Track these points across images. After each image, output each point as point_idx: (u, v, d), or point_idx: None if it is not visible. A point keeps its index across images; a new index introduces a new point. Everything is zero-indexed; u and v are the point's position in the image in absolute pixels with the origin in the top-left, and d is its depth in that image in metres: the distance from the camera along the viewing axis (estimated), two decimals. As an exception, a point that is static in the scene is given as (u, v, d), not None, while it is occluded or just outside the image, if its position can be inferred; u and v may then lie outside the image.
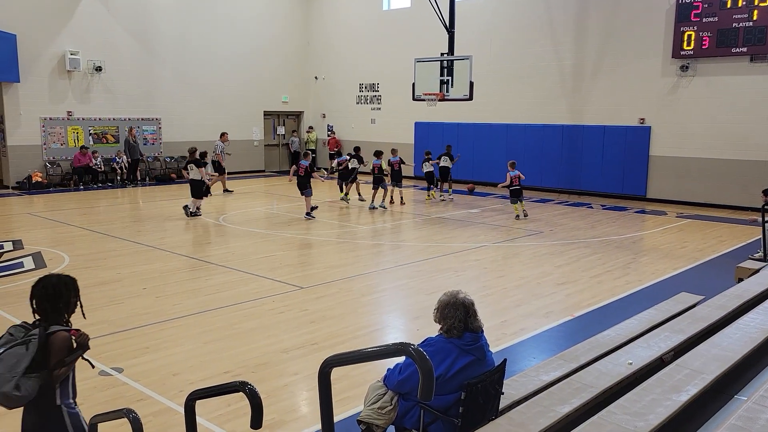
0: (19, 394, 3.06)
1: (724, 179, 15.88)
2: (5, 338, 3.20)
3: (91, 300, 7.97)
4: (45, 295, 3.32)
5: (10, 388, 3.04)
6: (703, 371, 4.11)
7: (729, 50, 15.33)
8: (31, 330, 3.21)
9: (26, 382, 3.08)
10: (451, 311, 3.67)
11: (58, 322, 3.30)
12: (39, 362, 3.12)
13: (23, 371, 3.07)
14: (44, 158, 19.08)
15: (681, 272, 9.64)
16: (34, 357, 3.11)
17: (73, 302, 3.40)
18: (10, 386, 3.04)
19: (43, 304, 3.30)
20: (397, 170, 15.90)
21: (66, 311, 3.37)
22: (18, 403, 3.13)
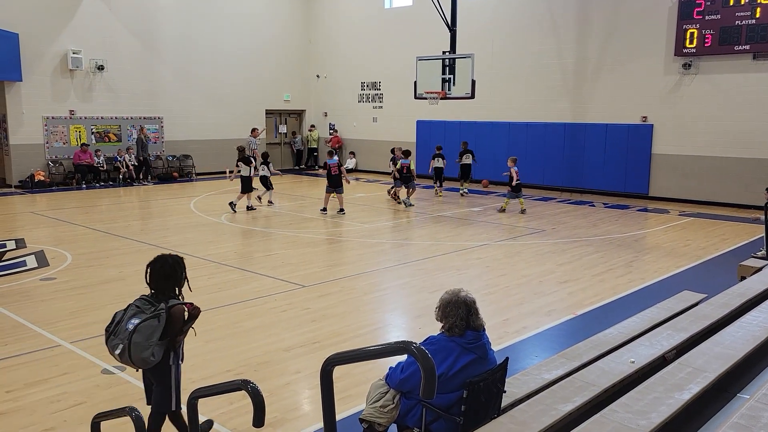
0: (154, 360, 3.83)
1: (727, 177, 15.85)
2: (133, 310, 3.90)
3: (94, 298, 7.99)
4: (161, 273, 3.96)
5: (148, 355, 3.79)
6: (705, 369, 4.11)
7: (732, 48, 15.30)
8: (154, 304, 3.90)
9: (158, 349, 3.83)
10: (452, 309, 3.68)
11: (171, 295, 3.96)
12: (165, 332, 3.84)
13: (155, 341, 3.80)
14: (47, 157, 19.10)
15: (683, 270, 9.63)
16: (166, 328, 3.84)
17: (183, 278, 4.04)
18: (148, 353, 3.79)
19: (160, 281, 3.95)
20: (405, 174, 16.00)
21: (177, 286, 4.01)
22: (150, 366, 3.88)
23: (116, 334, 3.86)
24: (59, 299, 7.96)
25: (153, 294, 3.97)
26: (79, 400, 5.14)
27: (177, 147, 21.87)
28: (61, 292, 8.28)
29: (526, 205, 15.07)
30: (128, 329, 3.80)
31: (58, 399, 5.17)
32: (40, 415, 4.89)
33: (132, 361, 3.80)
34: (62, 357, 6.07)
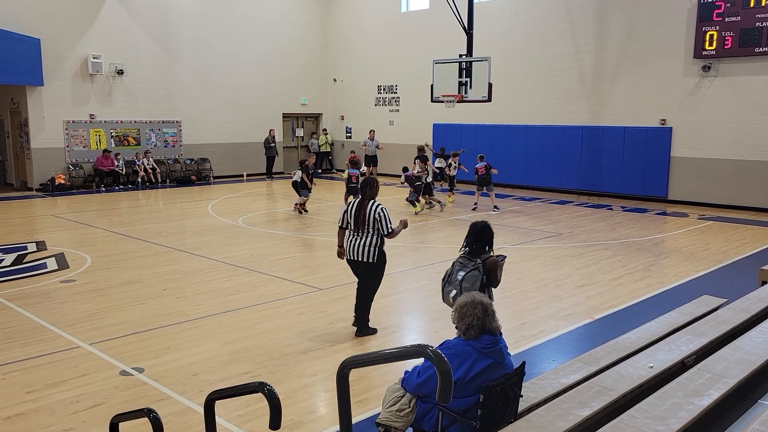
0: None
1: (747, 180, 15.66)
2: (458, 266, 5.16)
3: (113, 300, 8.07)
4: (477, 236, 5.17)
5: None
6: (725, 375, 4.06)
7: (752, 50, 15.12)
8: (472, 260, 5.12)
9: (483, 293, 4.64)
10: (469, 310, 3.67)
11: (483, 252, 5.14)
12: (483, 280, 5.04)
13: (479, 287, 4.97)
14: (67, 161, 19.35)
15: (703, 275, 9.52)
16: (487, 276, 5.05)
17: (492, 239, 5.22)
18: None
19: (477, 241, 5.16)
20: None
21: (488, 245, 5.20)
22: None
23: (450, 282, 5.16)
24: (79, 301, 8.05)
25: (469, 252, 5.19)
26: (98, 401, 5.19)
27: (195, 150, 22.05)
28: (81, 294, 8.38)
29: (541, 208, 14.92)
30: (458, 279, 5.08)
31: (78, 400, 5.22)
32: (60, 416, 4.95)
33: None
34: (81, 358, 6.13)
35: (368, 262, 6.60)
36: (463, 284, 5.01)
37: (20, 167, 19.88)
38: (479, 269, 5.06)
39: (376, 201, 6.63)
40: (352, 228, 6.63)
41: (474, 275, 5.04)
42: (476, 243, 5.18)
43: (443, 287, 5.22)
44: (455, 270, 5.17)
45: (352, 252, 6.63)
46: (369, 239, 6.55)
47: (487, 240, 5.19)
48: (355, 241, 6.60)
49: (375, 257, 6.58)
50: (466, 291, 4.78)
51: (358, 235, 6.59)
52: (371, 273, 6.69)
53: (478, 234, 5.17)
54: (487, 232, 5.18)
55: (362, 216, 6.52)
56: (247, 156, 23.28)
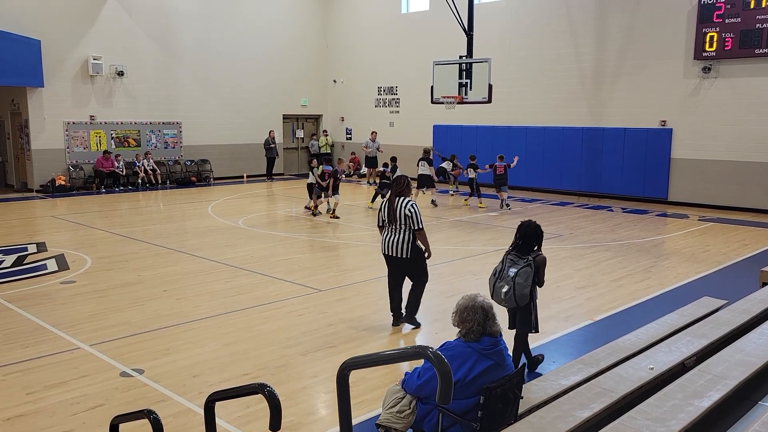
0: (527, 294, 5.30)
1: (748, 182, 15.66)
2: (510, 263, 5.45)
3: (113, 302, 8.07)
4: (529, 234, 5.45)
5: (527, 292, 5.30)
6: (725, 377, 4.06)
7: (752, 51, 15.13)
8: (522, 257, 5.41)
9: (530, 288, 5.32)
10: (470, 314, 3.67)
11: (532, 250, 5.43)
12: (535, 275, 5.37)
13: (531, 282, 5.31)
14: (67, 162, 19.36)
15: (703, 276, 9.52)
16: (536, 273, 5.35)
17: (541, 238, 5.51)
18: (527, 290, 5.30)
19: (526, 239, 5.45)
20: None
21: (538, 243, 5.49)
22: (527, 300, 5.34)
23: (502, 278, 5.41)
24: (79, 302, 8.05)
25: (518, 249, 5.46)
26: (98, 403, 5.19)
27: (195, 151, 22.06)
28: (81, 295, 8.38)
29: (541, 210, 14.93)
30: (510, 275, 5.35)
31: (78, 401, 5.22)
32: (60, 417, 4.95)
33: (516, 297, 5.31)
34: (82, 359, 6.13)
35: (404, 257, 6.76)
36: (516, 279, 5.31)
37: (20, 168, 19.88)
38: (531, 266, 5.34)
39: (406, 198, 6.79)
40: (387, 225, 6.82)
41: (526, 271, 5.33)
42: (523, 241, 5.46)
43: (494, 283, 5.47)
44: (506, 267, 5.44)
45: (388, 248, 6.84)
46: (402, 235, 6.72)
47: (535, 239, 5.47)
48: (390, 237, 6.81)
49: (409, 252, 6.74)
50: (519, 286, 5.26)
51: (392, 232, 6.79)
52: (411, 268, 6.88)
53: (526, 233, 5.46)
54: (534, 231, 5.47)
55: (393, 212, 6.69)
56: (248, 157, 23.29)
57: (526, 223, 5.53)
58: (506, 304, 5.44)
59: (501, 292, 5.38)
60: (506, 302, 5.41)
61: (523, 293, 5.30)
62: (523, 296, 5.31)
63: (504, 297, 5.38)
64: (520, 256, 5.43)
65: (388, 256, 6.89)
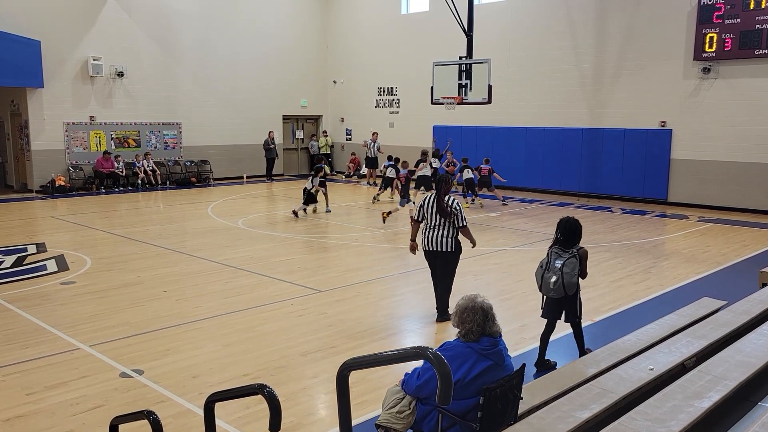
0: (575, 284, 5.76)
1: (747, 183, 15.66)
2: (555, 255, 5.83)
3: (113, 302, 8.07)
4: (569, 229, 5.82)
5: (575, 282, 5.74)
6: (725, 377, 4.06)
7: (752, 52, 15.13)
8: (566, 250, 5.80)
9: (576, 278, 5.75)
10: (469, 315, 3.67)
11: (573, 244, 5.81)
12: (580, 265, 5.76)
13: (577, 272, 5.73)
14: (67, 162, 19.36)
15: (703, 277, 9.52)
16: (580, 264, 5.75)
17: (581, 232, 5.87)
18: (575, 280, 5.74)
19: (567, 234, 5.82)
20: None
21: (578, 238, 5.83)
22: (574, 289, 5.77)
23: (549, 270, 5.78)
24: (79, 303, 8.05)
25: (562, 243, 5.83)
26: (98, 403, 5.19)
27: (195, 152, 22.06)
28: (81, 295, 8.38)
29: (541, 210, 14.95)
30: (557, 266, 5.71)
31: (77, 402, 5.22)
32: (60, 418, 4.95)
33: (564, 286, 5.71)
34: (81, 360, 6.13)
35: (449, 251, 7.13)
36: (564, 269, 5.69)
37: (20, 169, 19.88)
38: (576, 257, 5.74)
39: (450, 196, 7.17)
40: (429, 222, 7.11)
41: (572, 262, 5.72)
42: (565, 236, 5.83)
43: (542, 275, 5.84)
44: (552, 259, 5.82)
45: (431, 243, 7.12)
46: (446, 231, 7.07)
47: (576, 234, 5.84)
48: (432, 233, 7.11)
49: (454, 246, 7.13)
50: (567, 275, 5.66)
51: (436, 228, 7.08)
52: (451, 261, 7.23)
53: (567, 229, 5.85)
54: (574, 227, 5.85)
55: (440, 209, 7.00)
56: (247, 158, 23.30)
57: (565, 220, 5.89)
58: (555, 294, 5.78)
59: (550, 283, 5.75)
60: (555, 292, 5.76)
61: (571, 282, 5.70)
62: (571, 285, 5.72)
63: (553, 287, 5.74)
64: (564, 249, 5.81)
65: (433, 251, 7.17)
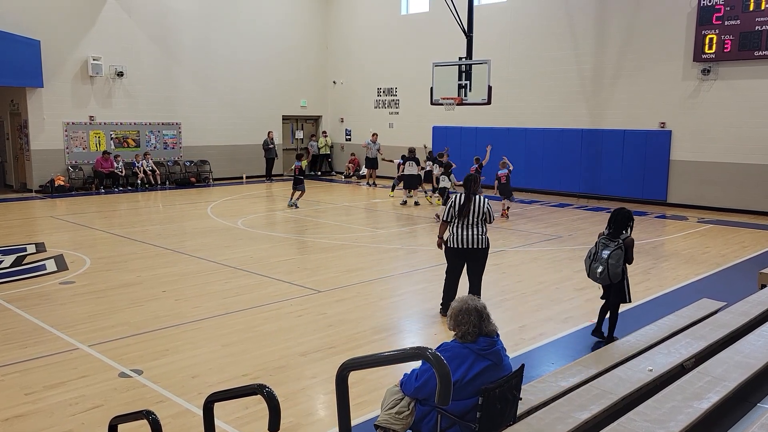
0: (619, 274, 6.08)
1: (747, 184, 15.67)
2: (602, 246, 6.20)
3: (112, 302, 8.07)
4: (619, 218, 6.18)
5: (619, 271, 6.08)
6: (725, 379, 4.06)
7: (752, 53, 15.14)
8: (613, 240, 6.15)
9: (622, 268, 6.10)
10: (464, 317, 3.67)
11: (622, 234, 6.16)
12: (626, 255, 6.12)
13: (622, 263, 6.06)
14: (66, 162, 19.35)
15: (702, 278, 9.52)
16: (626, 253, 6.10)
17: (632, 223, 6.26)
18: (619, 270, 6.07)
19: (618, 224, 6.16)
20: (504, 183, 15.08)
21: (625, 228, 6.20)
22: (618, 279, 6.13)
23: (596, 260, 6.20)
24: (78, 303, 8.05)
25: (609, 234, 6.19)
26: (97, 403, 5.19)
27: (194, 152, 22.05)
28: (80, 295, 8.37)
29: (541, 211, 14.92)
30: (603, 257, 6.11)
31: (76, 402, 5.22)
32: (59, 418, 4.94)
33: (610, 276, 6.09)
34: (80, 360, 6.13)
35: (482, 248, 7.31)
36: (609, 261, 6.06)
37: (20, 169, 19.87)
38: (621, 248, 6.08)
39: (481, 195, 7.38)
40: (461, 221, 7.22)
41: (618, 253, 6.07)
42: (615, 226, 6.17)
43: (589, 264, 6.28)
44: (599, 249, 6.20)
45: (464, 241, 7.22)
46: (479, 229, 7.26)
47: (625, 224, 6.18)
48: (465, 231, 7.22)
49: (486, 243, 7.34)
50: (612, 266, 6.03)
51: (467, 227, 7.21)
52: (482, 258, 7.40)
53: (617, 218, 6.19)
54: (624, 216, 6.19)
55: (472, 209, 7.15)
56: (247, 158, 23.29)
57: (618, 210, 6.28)
58: (601, 281, 6.23)
59: (596, 272, 6.18)
60: (601, 280, 6.21)
61: (615, 272, 6.07)
62: (616, 275, 6.09)
63: (599, 276, 6.18)
64: (612, 239, 6.16)
65: (466, 249, 7.24)
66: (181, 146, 21.78)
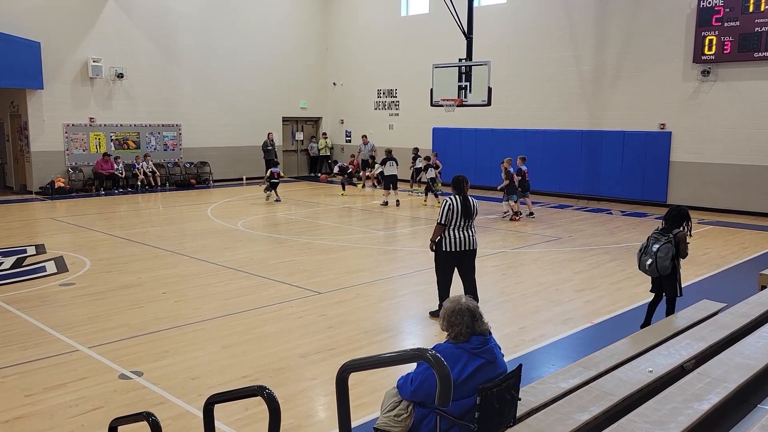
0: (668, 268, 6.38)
1: (747, 185, 15.67)
2: (653, 240, 6.48)
3: (112, 304, 8.07)
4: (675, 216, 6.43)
5: (668, 265, 6.37)
6: (725, 380, 4.06)
7: (751, 55, 15.15)
8: (665, 235, 6.42)
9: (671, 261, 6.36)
10: (457, 318, 3.67)
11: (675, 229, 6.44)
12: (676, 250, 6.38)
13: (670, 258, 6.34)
14: (67, 164, 19.35)
15: (703, 279, 9.53)
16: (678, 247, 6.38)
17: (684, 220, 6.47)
18: (668, 264, 6.36)
19: (671, 221, 6.44)
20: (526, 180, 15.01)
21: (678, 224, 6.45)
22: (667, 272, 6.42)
23: (646, 253, 6.49)
24: (78, 304, 8.05)
25: (663, 229, 6.47)
26: (97, 405, 5.19)
27: (194, 154, 22.07)
28: (80, 297, 8.37)
29: (540, 213, 14.92)
30: (653, 250, 6.41)
31: (76, 403, 5.22)
32: (59, 419, 4.94)
33: (658, 269, 6.39)
34: (80, 362, 6.13)
35: (476, 248, 7.42)
36: (658, 254, 6.35)
37: (20, 170, 19.88)
38: (671, 242, 6.35)
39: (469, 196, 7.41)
40: (458, 223, 7.21)
41: (667, 247, 6.34)
42: (669, 222, 6.45)
43: (639, 257, 6.60)
44: (650, 243, 6.49)
45: (462, 243, 7.25)
46: (473, 229, 7.37)
47: (680, 222, 6.44)
48: (463, 234, 7.26)
49: (477, 243, 7.46)
50: (660, 259, 6.34)
51: (464, 229, 7.26)
52: (474, 257, 7.48)
53: (673, 216, 6.47)
54: (680, 215, 6.44)
55: (469, 210, 7.22)
56: (247, 159, 23.29)
57: (675, 207, 6.56)
58: (650, 273, 6.54)
59: (645, 265, 6.49)
60: (650, 272, 6.51)
61: (663, 265, 6.35)
62: (664, 268, 6.36)
63: (648, 268, 6.48)
64: (663, 234, 6.43)
65: (464, 251, 7.28)
66: (181, 148, 21.79)
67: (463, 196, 7.25)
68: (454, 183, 7.33)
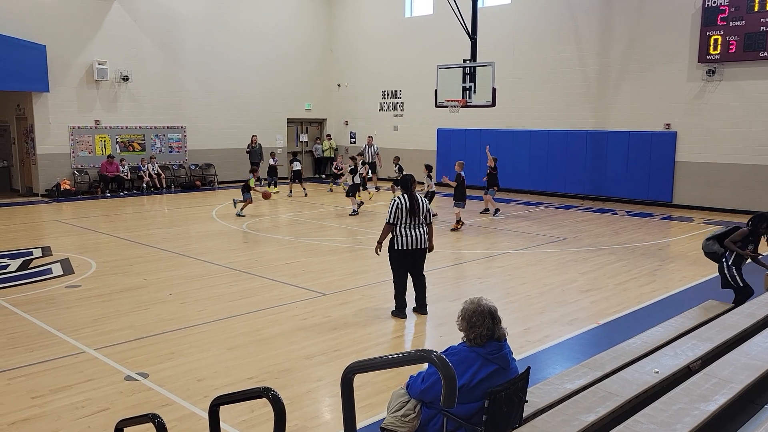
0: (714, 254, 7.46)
1: (752, 185, 15.61)
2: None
3: (118, 306, 8.09)
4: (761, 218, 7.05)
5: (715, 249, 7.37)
6: (731, 380, 4.04)
7: (756, 54, 15.10)
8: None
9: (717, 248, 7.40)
10: (479, 319, 3.61)
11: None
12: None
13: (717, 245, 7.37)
14: (72, 166, 19.42)
15: (708, 279, 9.48)
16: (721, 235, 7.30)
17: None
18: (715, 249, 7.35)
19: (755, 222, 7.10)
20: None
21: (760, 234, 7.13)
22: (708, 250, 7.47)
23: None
24: (84, 306, 8.07)
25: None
26: (103, 407, 5.20)
27: (199, 156, 22.11)
28: (86, 299, 8.40)
29: (545, 213, 14.90)
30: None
31: (82, 405, 5.23)
32: (65, 421, 4.96)
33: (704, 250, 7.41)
34: (86, 363, 6.15)
35: (426, 248, 7.48)
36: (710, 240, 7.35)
37: (26, 173, 19.96)
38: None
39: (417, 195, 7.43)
40: (407, 222, 7.28)
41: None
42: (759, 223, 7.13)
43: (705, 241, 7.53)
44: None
45: (413, 242, 7.33)
46: (424, 228, 7.39)
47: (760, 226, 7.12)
48: (412, 232, 7.33)
49: (428, 243, 7.49)
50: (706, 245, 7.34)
51: (414, 227, 7.33)
52: (424, 255, 7.56)
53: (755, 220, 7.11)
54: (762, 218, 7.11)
55: (417, 209, 7.25)
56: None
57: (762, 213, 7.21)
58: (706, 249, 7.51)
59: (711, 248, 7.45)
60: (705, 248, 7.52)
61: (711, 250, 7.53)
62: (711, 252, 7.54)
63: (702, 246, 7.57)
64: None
65: (415, 249, 7.36)
66: (186, 150, 21.84)
67: (411, 194, 7.31)
68: (402, 182, 7.49)
